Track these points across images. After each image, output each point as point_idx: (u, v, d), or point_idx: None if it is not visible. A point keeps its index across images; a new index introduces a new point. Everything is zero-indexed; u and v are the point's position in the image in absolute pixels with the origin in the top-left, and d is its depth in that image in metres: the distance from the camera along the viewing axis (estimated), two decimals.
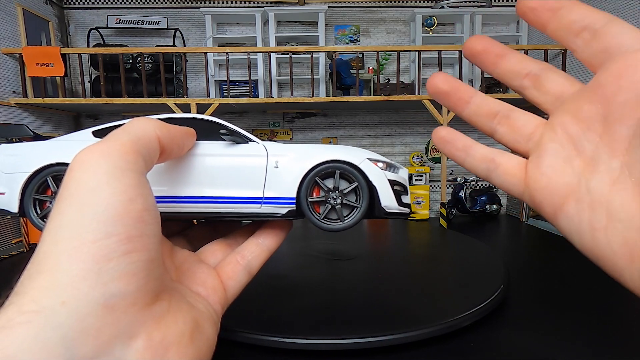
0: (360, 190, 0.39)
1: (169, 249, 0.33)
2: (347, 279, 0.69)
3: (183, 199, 0.38)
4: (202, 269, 0.33)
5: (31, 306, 0.19)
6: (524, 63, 0.22)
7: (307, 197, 0.40)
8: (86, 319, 0.19)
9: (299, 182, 0.39)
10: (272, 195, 0.39)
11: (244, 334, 0.43)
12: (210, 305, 0.30)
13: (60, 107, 3.18)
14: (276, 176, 0.39)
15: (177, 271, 0.32)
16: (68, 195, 0.22)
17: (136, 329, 0.22)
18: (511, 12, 3.50)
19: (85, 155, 0.23)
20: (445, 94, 0.24)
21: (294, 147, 0.42)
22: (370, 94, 3.34)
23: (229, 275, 0.34)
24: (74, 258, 0.20)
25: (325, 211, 0.39)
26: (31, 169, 0.41)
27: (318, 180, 0.40)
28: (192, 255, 0.35)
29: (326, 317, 0.50)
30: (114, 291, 0.20)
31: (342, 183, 0.40)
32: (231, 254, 0.36)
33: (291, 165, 0.40)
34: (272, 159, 0.40)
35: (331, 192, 0.40)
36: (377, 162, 0.42)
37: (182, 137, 0.33)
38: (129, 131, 0.26)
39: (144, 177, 0.25)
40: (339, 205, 0.40)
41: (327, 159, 0.40)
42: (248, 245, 0.37)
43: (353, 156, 0.41)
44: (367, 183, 0.39)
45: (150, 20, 3.49)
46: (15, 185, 0.41)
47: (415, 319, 0.47)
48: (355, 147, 0.43)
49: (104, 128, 0.43)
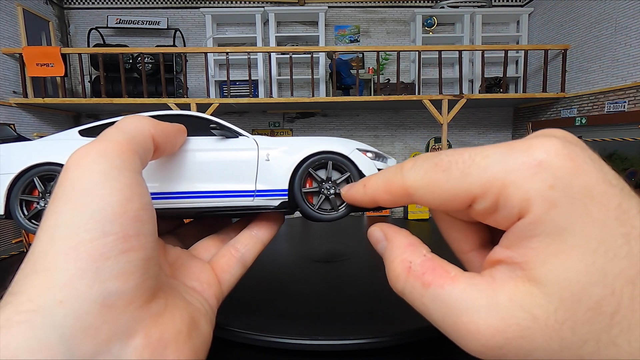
0: (353, 180, 0.39)
1: (162, 247, 0.33)
2: (346, 278, 0.69)
3: (175, 194, 0.38)
4: (196, 264, 0.34)
5: (28, 305, 0.19)
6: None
7: (301, 189, 0.40)
8: (84, 317, 0.19)
9: (291, 174, 0.39)
10: (264, 188, 0.39)
11: (240, 334, 0.43)
12: (205, 301, 0.30)
13: (60, 107, 3.18)
14: (268, 169, 0.39)
15: (171, 268, 0.32)
16: (63, 195, 0.22)
17: (134, 327, 0.22)
18: (511, 12, 3.50)
19: (81, 154, 0.23)
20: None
21: (284, 140, 0.41)
22: (370, 94, 3.34)
23: (223, 268, 0.34)
24: (70, 257, 0.20)
25: (319, 202, 0.39)
26: (16, 170, 0.39)
27: (311, 171, 0.40)
28: (186, 252, 0.36)
29: (325, 316, 0.50)
30: (112, 290, 0.20)
31: (334, 174, 0.40)
32: (224, 247, 0.36)
33: (282, 158, 0.40)
34: (263, 152, 0.40)
35: (324, 183, 0.40)
36: (367, 152, 0.42)
37: (175, 134, 0.33)
38: (124, 130, 0.26)
39: (140, 175, 0.25)
40: (333, 196, 0.40)
41: (317, 150, 0.40)
42: (241, 238, 0.37)
43: (343, 147, 0.41)
44: (358, 173, 0.40)
45: (150, 20, 3.49)
46: (1, 187, 0.39)
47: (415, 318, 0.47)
48: (344, 138, 0.43)
49: (91, 127, 0.43)
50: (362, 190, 0.27)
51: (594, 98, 2.75)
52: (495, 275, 0.19)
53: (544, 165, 0.17)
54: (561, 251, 0.17)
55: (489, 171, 0.19)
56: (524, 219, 0.18)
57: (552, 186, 0.17)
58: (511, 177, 0.18)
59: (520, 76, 3.41)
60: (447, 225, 0.26)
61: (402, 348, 0.44)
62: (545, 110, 3.25)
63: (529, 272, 0.18)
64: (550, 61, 3.09)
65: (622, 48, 2.54)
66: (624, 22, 2.51)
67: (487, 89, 3.31)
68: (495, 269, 0.20)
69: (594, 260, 0.16)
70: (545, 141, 0.18)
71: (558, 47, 3.00)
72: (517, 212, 0.18)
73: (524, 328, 0.17)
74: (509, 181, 0.18)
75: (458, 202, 0.20)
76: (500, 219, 0.19)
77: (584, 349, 0.16)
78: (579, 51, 2.91)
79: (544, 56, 3.04)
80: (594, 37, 2.76)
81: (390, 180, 0.24)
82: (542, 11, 3.31)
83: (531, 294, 0.17)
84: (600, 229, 0.17)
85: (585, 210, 0.17)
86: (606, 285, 0.16)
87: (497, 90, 3.31)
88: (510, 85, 3.63)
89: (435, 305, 0.20)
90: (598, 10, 2.70)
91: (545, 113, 3.24)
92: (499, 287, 0.19)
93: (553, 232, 0.17)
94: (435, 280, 0.20)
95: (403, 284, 0.22)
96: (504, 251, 0.20)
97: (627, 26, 2.49)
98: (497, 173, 0.19)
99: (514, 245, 0.19)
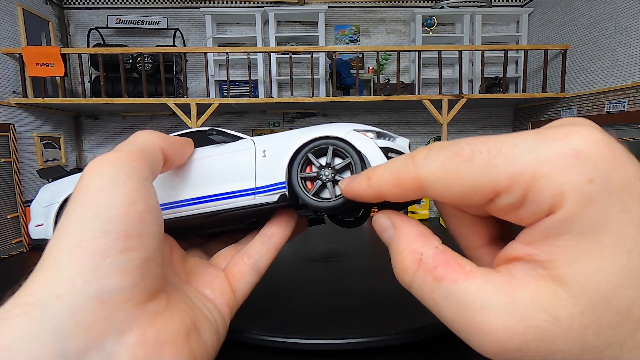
0: (354, 165, 0.38)
1: (181, 256, 0.35)
2: (346, 277, 0.69)
3: (181, 202, 0.39)
4: (210, 272, 0.34)
5: (28, 299, 0.20)
6: None
7: (299, 176, 0.39)
8: (80, 312, 0.20)
9: (287, 165, 0.39)
10: (264, 184, 0.39)
11: (242, 334, 0.43)
12: (216, 308, 0.31)
13: (60, 107, 3.18)
14: (265, 164, 0.40)
15: (187, 275, 0.33)
16: (76, 198, 0.23)
17: (129, 324, 0.22)
18: (511, 12, 3.50)
19: (94, 162, 0.25)
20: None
21: (279, 134, 0.41)
22: (370, 94, 3.34)
23: (236, 277, 0.35)
24: (73, 254, 0.21)
25: (314, 188, 0.38)
26: (61, 198, 0.48)
27: (310, 157, 0.40)
28: (204, 261, 0.36)
29: (326, 316, 0.50)
30: (109, 286, 0.21)
31: (335, 160, 0.40)
32: (237, 255, 0.36)
33: (278, 151, 0.40)
34: (260, 149, 0.40)
35: (323, 169, 0.39)
36: (366, 132, 0.41)
37: (183, 146, 0.35)
38: (135, 142, 0.28)
39: (148, 182, 0.26)
40: (329, 182, 0.38)
41: (311, 137, 0.39)
42: (254, 245, 0.37)
43: (337, 130, 0.39)
44: (358, 156, 0.38)
45: (150, 20, 3.48)
46: (50, 215, 0.48)
47: (417, 318, 0.47)
48: (342, 123, 0.41)
49: None
50: (366, 184, 0.24)
51: (594, 98, 2.75)
52: (513, 273, 0.18)
53: (583, 156, 0.16)
54: (592, 251, 0.16)
55: (517, 162, 0.17)
56: (554, 215, 0.16)
57: (591, 180, 0.15)
58: (544, 169, 0.16)
59: (520, 76, 3.41)
60: (456, 220, 0.25)
61: (403, 348, 0.44)
62: (545, 110, 3.25)
63: (553, 271, 0.17)
64: (550, 61, 3.09)
65: (621, 48, 2.54)
66: (623, 22, 2.51)
67: (487, 89, 3.31)
68: (513, 266, 0.18)
69: (628, 261, 0.15)
70: (582, 130, 0.16)
71: (558, 47, 3.00)
72: (547, 208, 0.16)
73: (544, 331, 0.16)
74: (541, 173, 0.16)
75: (479, 196, 0.19)
76: (525, 215, 0.18)
77: (606, 353, 0.15)
78: (578, 51, 2.91)
79: (544, 56, 3.04)
80: (593, 37, 2.76)
81: (401, 171, 0.22)
82: (542, 11, 3.31)
83: (555, 295, 0.16)
84: (637, 228, 0.15)
85: (624, 208, 0.15)
86: (638, 287, 0.15)
87: (497, 90, 3.31)
88: (510, 85, 3.63)
89: (446, 302, 0.19)
90: (598, 10, 2.70)
91: (545, 113, 3.24)
92: (518, 285, 0.17)
93: (586, 230, 0.16)
94: (449, 274, 0.19)
95: (412, 276, 0.21)
96: (523, 248, 0.18)
97: (627, 26, 2.49)
98: (528, 164, 0.17)
99: (536, 242, 0.17)
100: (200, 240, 0.44)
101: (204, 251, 0.41)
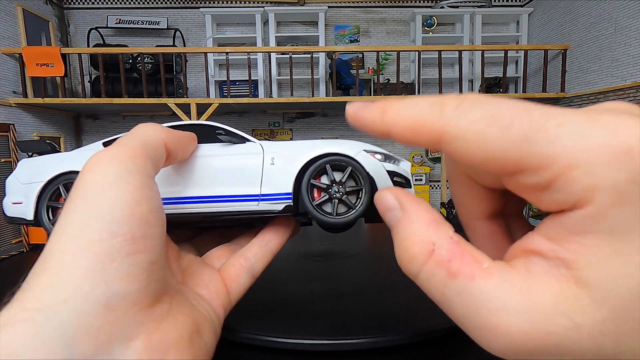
0: (362, 181, 0.38)
1: (175, 253, 0.34)
2: (347, 278, 0.69)
3: (183, 199, 0.38)
4: (206, 272, 0.34)
5: (33, 303, 0.19)
6: None
7: (308, 191, 0.39)
8: (87, 317, 0.19)
9: (295, 178, 0.39)
10: (269, 192, 0.39)
11: (241, 334, 0.43)
12: (212, 309, 0.30)
13: (60, 107, 3.18)
14: (272, 173, 0.39)
15: (182, 274, 0.32)
16: (77, 196, 0.22)
17: (136, 329, 0.22)
18: (511, 12, 3.51)
19: (95, 158, 0.24)
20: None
21: (290, 144, 0.41)
22: (370, 94, 3.34)
23: (232, 278, 0.34)
24: (77, 256, 0.20)
25: (320, 200, 0.39)
26: (45, 178, 0.43)
27: (327, 169, 0.39)
28: (198, 260, 0.36)
29: (326, 316, 0.50)
30: (116, 291, 0.20)
31: (338, 176, 0.40)
32: (234, 257, 0.36)
33: (287, 162, 0.39)
34: (268, 156, 0.40)
35: (335, 185, 0.39)
36: (375, 153, 0.41)
37: (186, 141, 0.34)
38: (137, 136, 0.27)
39: (151, 179, 0.25)
40: (337, 200, 0.38)
41: (320, 153, 0.39)
42: (251, 247, 0.37)
43: (348, 148, 0.39)
44: (367, 176, 0.38)
45: (150, 20, 3.49)
46: (31, 194, 0.43)
47: (417, 318, 0.47)
48: (350, 140, 0.41)
49: (115, 139, 0.45)
50: (379, 117, 0.21)
51: (594, 98, 2.75)
52: (532, 270, 0.17)
53: (632, 153, 0.14)
54: (622, 254, 0.15)
55: (558, 144, 0.15)
56: (582, 210, 0.15)
57: (633, 180, 0.14)
58: (584, 159, 0.15)
59: (520, 76, 3.41)
60: (462, 186, 0.23)
61: (403, 348, 0.44)
62: None
63: (576, 272, 0.15)
64: (550, 61, 3.09)
65: (621, 48, 2.55)
66: (623, 22, 2.51)
67: (487, 89, 3.31)
68: (530, 262, 0.17)
69: None
70: (635, 123, 0.15)
71: (558, 47, 3.00)
72: (575, 201, 0.15)
73: (564, 337, 0.15)
74: (580, 163, 0.15)
75: (500, 167, 0.17)
76: (547, 199, 0.16)
77: (619, 358, 0.15)
78: (578, 51, 2.91)
79: (544, 56, 3.04)
80: (593, 37, 2.76)
81: (423, 116, 0.19)
82: (542, 11, 3.31)
83: (578, 299, 0.15)
84: None
85: None
86: None
87: (497, 90, 3.32)
88: (510, 85, 3.63)
89: (459, 299, 0.17)
90: (598, 10, 2.71)
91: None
92: (537, 285, 0.16)
93: (617, 231, 0.15)
94: (464, 269, 0.17)
95: (419, 267, 0.19)
96: (545, 242, 0.17)
97: (626, 26, 2.49)
98: (568, 149, 0.15)
99: (560, 237, 0.16)
100: (188, 234, 0.43)
101: (193, 246, 0.40)
